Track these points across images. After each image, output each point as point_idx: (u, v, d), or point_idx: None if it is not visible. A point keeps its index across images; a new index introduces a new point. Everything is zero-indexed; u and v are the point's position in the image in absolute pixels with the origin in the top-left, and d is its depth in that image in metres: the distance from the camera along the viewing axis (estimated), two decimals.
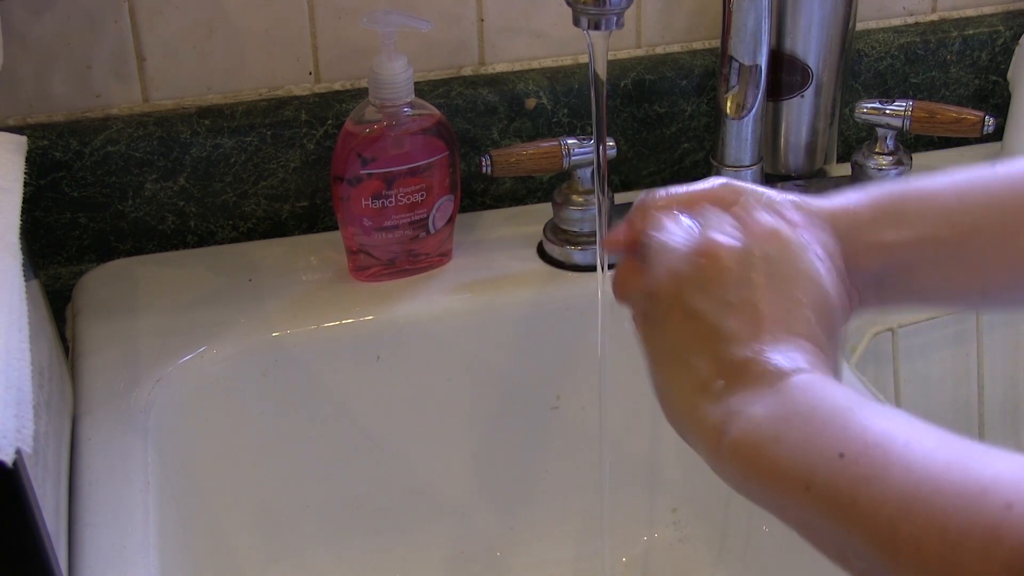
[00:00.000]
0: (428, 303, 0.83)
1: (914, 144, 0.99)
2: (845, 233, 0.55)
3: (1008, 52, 0.99)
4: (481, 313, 0.83)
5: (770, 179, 0.91)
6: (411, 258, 0.85)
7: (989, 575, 0.38)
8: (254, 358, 0.80)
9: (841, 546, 0.46)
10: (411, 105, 0.81)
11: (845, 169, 0.92)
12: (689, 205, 0.55)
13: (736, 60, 0.83)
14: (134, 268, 0.87)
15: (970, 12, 1.01)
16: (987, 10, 1.01)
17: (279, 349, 0.80)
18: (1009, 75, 0.95)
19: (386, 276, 0.85)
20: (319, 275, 0.85)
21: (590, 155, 0.83)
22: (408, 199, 0.82)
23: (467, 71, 0.93)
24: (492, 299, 0.84)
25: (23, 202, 0.63)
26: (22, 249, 0.59)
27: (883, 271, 0.55)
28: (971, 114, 0.87)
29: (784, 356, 0.49)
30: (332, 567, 0.84)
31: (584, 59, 0.93)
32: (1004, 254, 0.55)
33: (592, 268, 0.83)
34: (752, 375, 0.49)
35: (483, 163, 0.84)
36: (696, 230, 0.54)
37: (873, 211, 0.55)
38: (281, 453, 0.82)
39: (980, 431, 0.91)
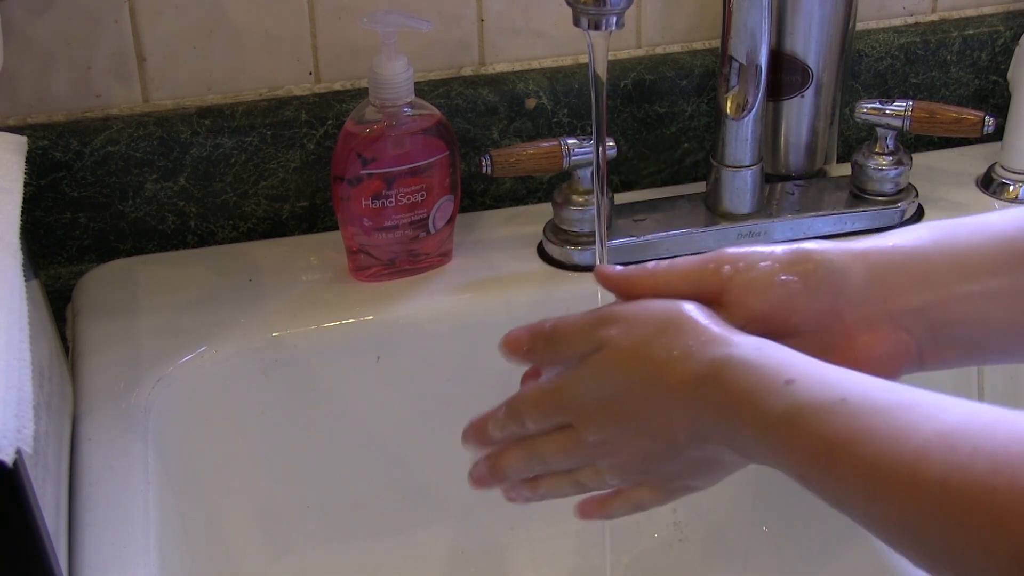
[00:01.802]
0: (428, 303, 0.83)
1: (914, 144, 0.99)
2: (881, 272, 0.54)
3: (1008, 52, 0.99)
4: (481, 313, 0.83)
5: (770, 179, 0.91)
6: (411, 258, 0.85)
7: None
8: (254, 358, 0.80)
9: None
10: (411, 105, 0.81)
11: (845, 169, 0.92)
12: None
13: (736, 60, 0.83)
14: (134, 268, 0.87)
15: (970, 12, 1.01)
16: (987, 10, 1.01)
17: (279, 349, 0.80)
18: (1009, 75, 0.95)
19: (386, 276, 0.85)
20: (319, 275, 0.85)
21: (590, 155, 0.83)
22: (408, 199, 0.82)
23: (467, 71, 0.93)
24: (492, 299, 0.84)
25: (23, 202, 0.63)
26: (22, 249, 0.59)
27: (936, 308, 0.54)
28: (971, 114, 0.87)
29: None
30: (332, 567, 0.84)
31: (584, 59, 0.93)
32: None
33: (592, 268, 0.83)
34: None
35: (483, 163, 0.84)
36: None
37: (922, 246, 0.55)
38: (281, 453, 0.82)
39: None
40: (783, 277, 0.54)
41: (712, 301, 0.55)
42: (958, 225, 0.56)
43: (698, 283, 0.56)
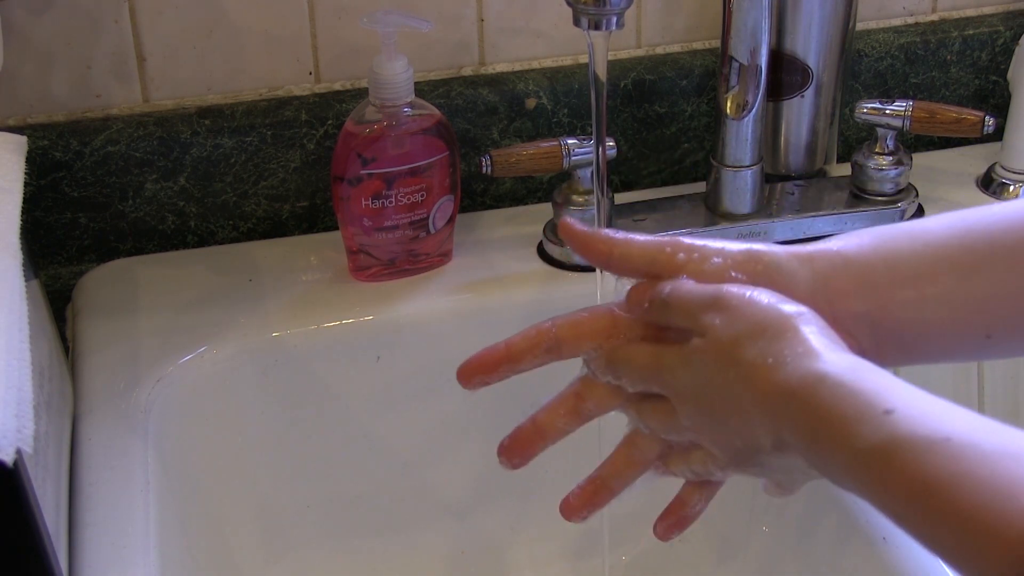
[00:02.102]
0: (428, 303, 0.83)
1: (914, 144, 0.99)
2: (825, 276, 0.55)
3: (1008, 52, 0.99)
4: (481, 313, 0.83)
5: (770, 179, 0.91)
6: (411, 258, 0.85)
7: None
8: (254, 358, 0.80)
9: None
10: (411, 105, 0.81)
11: (845, 169, 0.92)
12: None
13: (736, 60, 0.83)
14: (134, 268, 0.87)
15: (970, 12, 1.01)
16: (987, 10, 1.01)
17: (279, 349, 0.80)
18: (1009, 75, 0.95)
19: (386, 276, 0.85)
20: (319, 275, 0.85)
21: (590, 155, 0.83)
22: (408, 199, 0.82)
23: (467, 71, 0.93)
24: (492, 299, 0.84)
25: (23, 202, 0.63)
26: (22, 249, 0.59)
27: (877, 312, 0.54)
28: (971, 114, 0.87)
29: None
30: (332, 567, 0.84)
31: (584, 59, 0.93)
32: (1009, 292, 0.54)
33: (592, 268, 0.83)
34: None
35: (483, 163, 0.84)
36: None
37: (863, 252, 0.55)
38: (281, 453, 0.82)
39: None
40: (733, 274, 0.55)
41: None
42: (899, 231, 0.57)
43: (651, 262, 0.57)
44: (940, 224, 0.56)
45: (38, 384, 0.61)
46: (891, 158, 0.88)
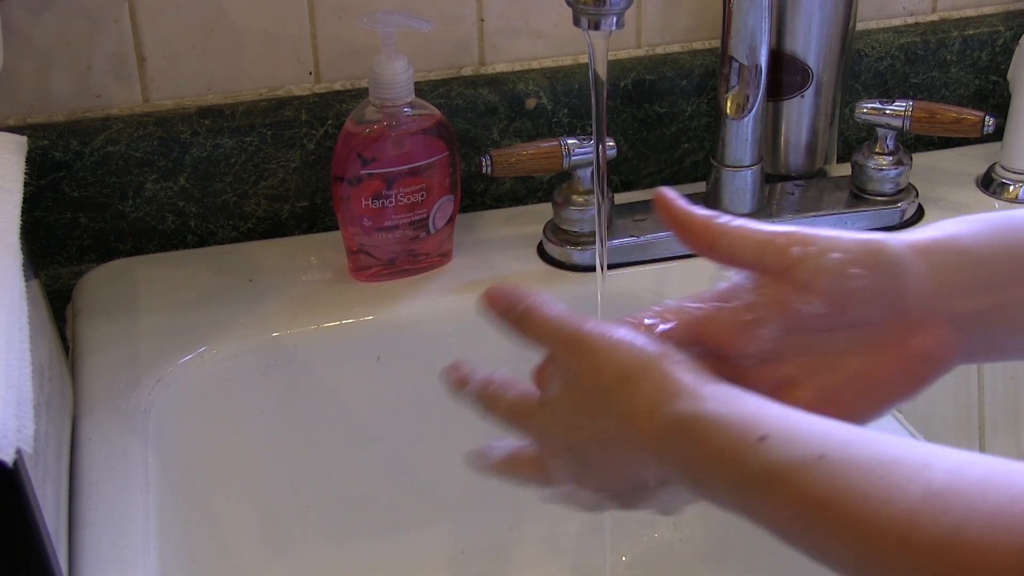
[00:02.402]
0: (428, 303, 0.83)
1: (914, 144, 0.99)
2: (944, 271, 0.53)
3: (1008, 52, 0.99)
4: (481, 313, 0.83)
5: (770, 179, 0.91)
6: (411, 258, 0.85)
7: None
8: (254, 358, 0.80)
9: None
10: (411, 105, 0.81)
11: (845, 169, 0.92)
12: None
13: (736, 60, 0.83)
14: (134, 268, 0.87)
15: (970, 12, 1.01)
16: (987, 10, 1.01)
17: (279, 349, 0.80)
18: (1009, 75, 0.95)
19: (386, 276, 0.85)
20: (319, 275, 0.85)
21: (590, 155, 0.83)
22: (408, 199, 0.82)
23: (467, 71, 0.93)
24: None
25: (23, 202, 0.63)
26: (22, 249, 0.59)
27: (994, 311, 0.53)
28: (971, 114, 0.87)
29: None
30: (332, 567, 0.84)
31: (584, 59, 0.93)
32: None
33: (592, 268, 0.83)
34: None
35: (483, 163, 0.84)
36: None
37: (982, 242, 0.53)
38: (281, 453, 0.82)
39: (980, 432, 0.91)
40: (852, 271, 0.53)
41: (774, 277, 0.54)
42: (1013, 222, 0.54)
43: (761, 255, 0.55)
44: None
45: (38, 384, 0.61)
46: (891, 158, 0.88)
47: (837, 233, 0.54)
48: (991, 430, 0.92)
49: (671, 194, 0.57)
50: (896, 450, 0.44)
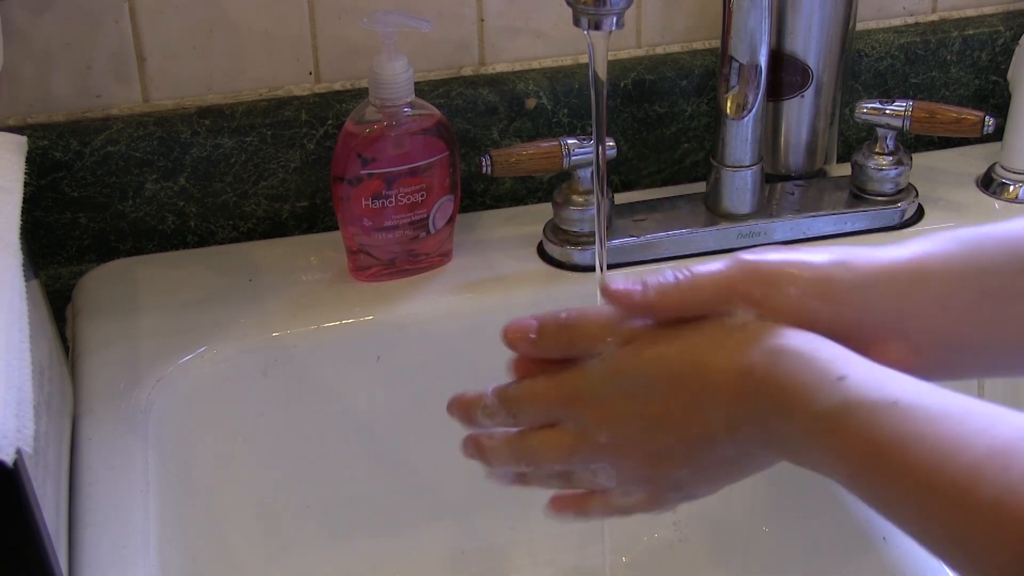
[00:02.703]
0: (428, 303, 0.83)
1: (914, 144, 0.99)
2: (905, 296, 0.53)
3: (1008, 52, 0.99)
4: (481, 313, 0.83)
5: (770, 179, 0.91)
6: (411, 258, 0.85)
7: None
8: (254, 358, 0.80)
9: None
10: (411, 105, 0.81)
11: (845, 169, 0.92)
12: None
13: (736, 60, 0.83)
14: (134, 268, 0.87)
15: (970, 12, 1.01)
16: (987, 10, 1.01)
17: (279, 349, 0.80)
18: (1009, 75, 0.95)
19: (386, 276, 0.85)
20: (319, 275, 0.85)
21: (590, 155, 0.83)
22: (408, 199, 0.82)
23: (467, 71, 0.93)
24: (492, 299, 0.84)
25: (23, 202, 0.63)
26: (22, 249, 0.59)
27: (951, 332, 0.53)
28: (971, 114, 0.87)
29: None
30: (332, 567, 0.84)
31: (584, 59, 0.93)
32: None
33: (592, 268, 0.83)
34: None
35: (483, 163, 0.84)
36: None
37: (950, 264, 0.54)
38: (281, 453, 0.82)
39: None
40: (811, 304, 0.53)
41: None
42: (983, 242, 0.54)
43: (729, 299, 0.54)
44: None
45: (38, 384, 0.61)
46: (891, 158, 0.88)
47: (796, 260, 0.54)
48: None
49: (619, 288, 0.56)
50: (966, 405, 0.45)
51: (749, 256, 0.54)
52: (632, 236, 0.86)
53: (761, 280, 0.53)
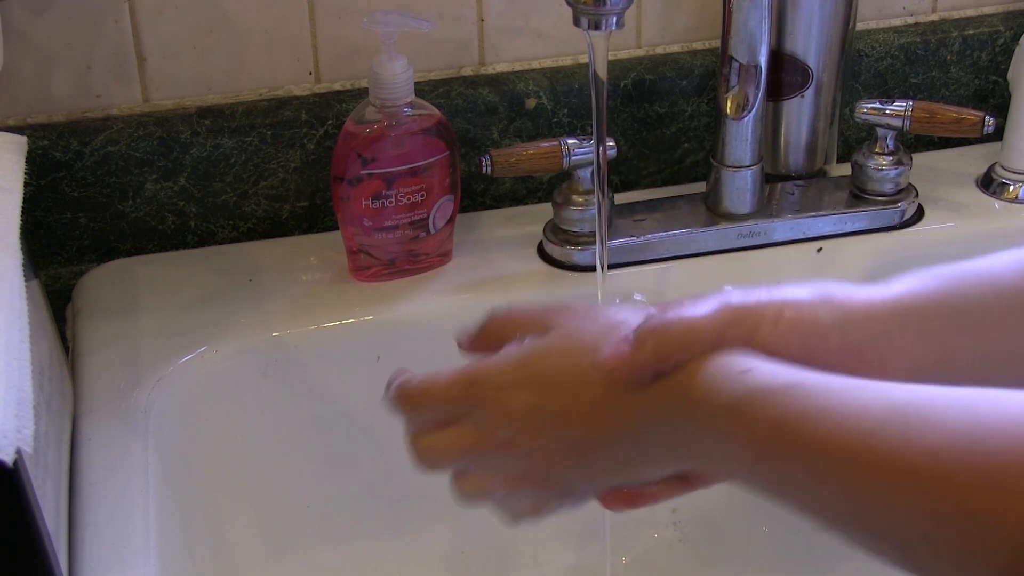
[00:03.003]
0: (428, 303, 0.83)
1: (914, 144, 0.99)
2: (857, 341, 0.52)
3: (1008, 52, 0.99)
4: (481, 313, 0.83)
5: (770, 179, 0.91)
6: (411, 258, 0.85)
7: None
8: (254, 358, 0.80)
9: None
10: (411, 105, 0.81)
11: (845, 169, 0.92)
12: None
13: (736, 60, 0.83)
14: (134, 268, 0.87)
15: (970, 12, 1.01)
16: (987, 10, 1.01)
17: (279, 349, 0.80)
18: (1009, 75, 0.95)
19: (386, 276, 0.85)
20: (319, 275, 0.85)
21: (590, 155, 0.83)
22: (408, 199, 0.82)
23: (467, 71, 0.93)
24: (492, 299, 0.84)
25: (23, 202, 0.63)
26: (22, 249, 0.59)
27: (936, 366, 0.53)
28: (971, 114, 0.87)
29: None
30: (332, 567, 0.84)
31: (584, 59, 0.93)
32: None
33: (592, 268, 0.83)
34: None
35: (483, 163, 0.84)
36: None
37: (929, 300, 0.53)
38: (281, 453, 0.82)
39: None
40: (798, 340, 0.52)
41: None
42: (963, 278, 0.54)
43: (723, 340, 0.53)
44: (1007, 264, 0.54)
45: (38, 384, 0.61)
46: (891, 158, 0.88)
47: (781, 299, 0.53)
48: None
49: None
50: (866, 381, 0.46)
51: (735, 299, 0.54)
52: (632, 236, 0.86)
53: (749, 319, 0.53)
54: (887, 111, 0.87)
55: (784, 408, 0.46)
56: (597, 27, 0.68)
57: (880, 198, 0.89)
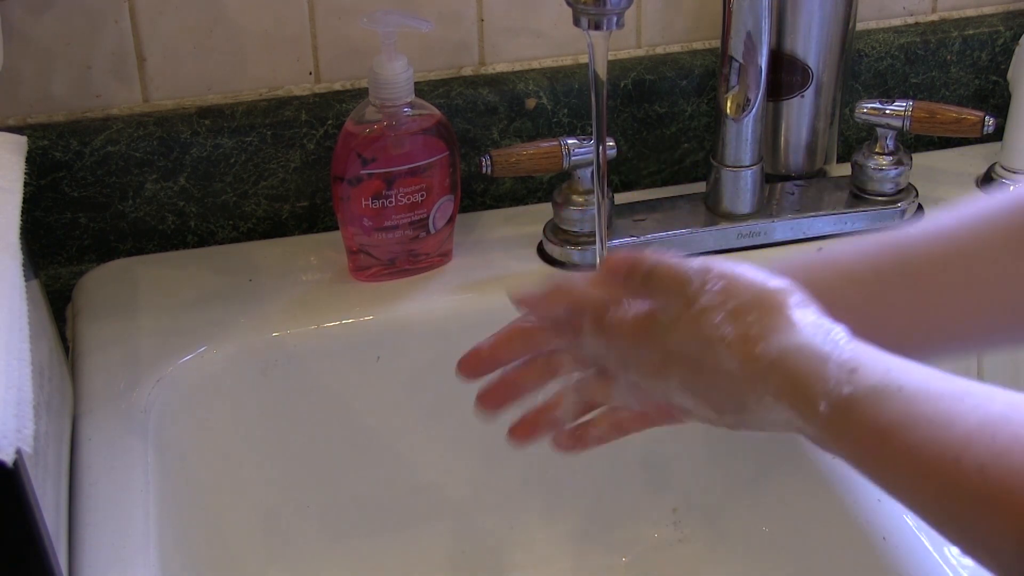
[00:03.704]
0: (428, 303, 0.83)
1: (914, 144, 0.99)
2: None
3: (1008, 52, 0.99)
4: (481, 313, 0.83)
5: (770, 179, 0.91)
6: (411, 258, 0.85)
7: None
8: (254, 358, 0.80)
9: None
10: (411, 105, 0.81)
11: (845, 169, 0.92)
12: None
13: (736, 60, 0.83)
14: (134, 268, 0.87)
15: (970, 12, 1.01)
16: (987, 10, 1.01)
17: (279, 349, 0.80)
18: (1009, 75, 0.95)
19: (386, 276, 0.85)
20: (319, 275, 0.85)
21: (590, 155, 0.83)
22: (408, 199, 0.82)
23: (467, 71, 0.93)
24: (492, 299, 0.84)
25: (23, 202, 0.63)
26: (22, 249, 0.59)
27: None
28: (971, 114, 0.87)
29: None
30: (332, 567, 0.84)
31: (584, 59, 0.93)
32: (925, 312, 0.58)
33: (592, 268, 0.83)
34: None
35: (483, 163, 0.84)
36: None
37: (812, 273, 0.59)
38: (281, 453, 0.82)
39: None
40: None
41: None
42: (897, 234, 0.60)
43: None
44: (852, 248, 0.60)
45: (38, 384, 0.61)
46: (891, 158, 0.88)
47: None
48: None
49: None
50: (966, 386, 0.48)
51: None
52: (632, 236, 0.86)
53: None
54: (887, 111, 0.87)
55: (889, 415, 0.48)
56: (597, 27, 0.68)
57: (880, 198, 0.89)
